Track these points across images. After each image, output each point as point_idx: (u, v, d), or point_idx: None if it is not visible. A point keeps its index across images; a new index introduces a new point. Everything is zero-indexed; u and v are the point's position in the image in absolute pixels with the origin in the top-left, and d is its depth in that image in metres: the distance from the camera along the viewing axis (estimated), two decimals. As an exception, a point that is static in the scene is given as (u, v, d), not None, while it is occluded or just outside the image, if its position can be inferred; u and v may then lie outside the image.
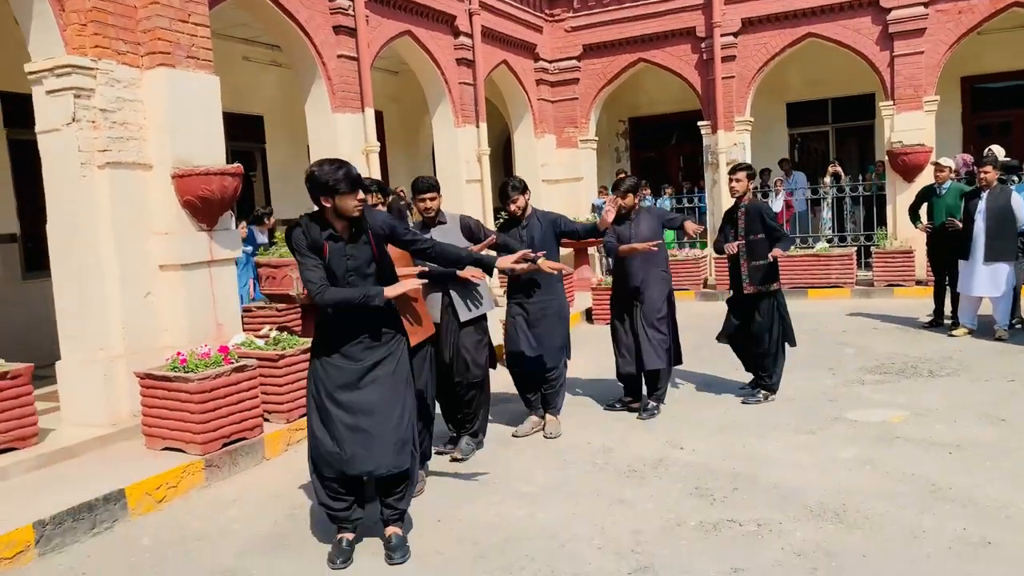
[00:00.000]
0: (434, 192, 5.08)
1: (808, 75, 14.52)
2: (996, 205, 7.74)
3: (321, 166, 3.53)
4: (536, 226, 5.54)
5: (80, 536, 4.26)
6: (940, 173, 8.55)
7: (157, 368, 5.34)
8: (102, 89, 5.61)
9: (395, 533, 3.81)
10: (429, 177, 5.19)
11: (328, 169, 3.50)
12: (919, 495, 4.22)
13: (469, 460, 5.16)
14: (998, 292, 7.83)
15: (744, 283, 6.19)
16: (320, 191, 3.51)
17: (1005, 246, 7.72)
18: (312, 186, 3.53)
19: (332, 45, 8.99)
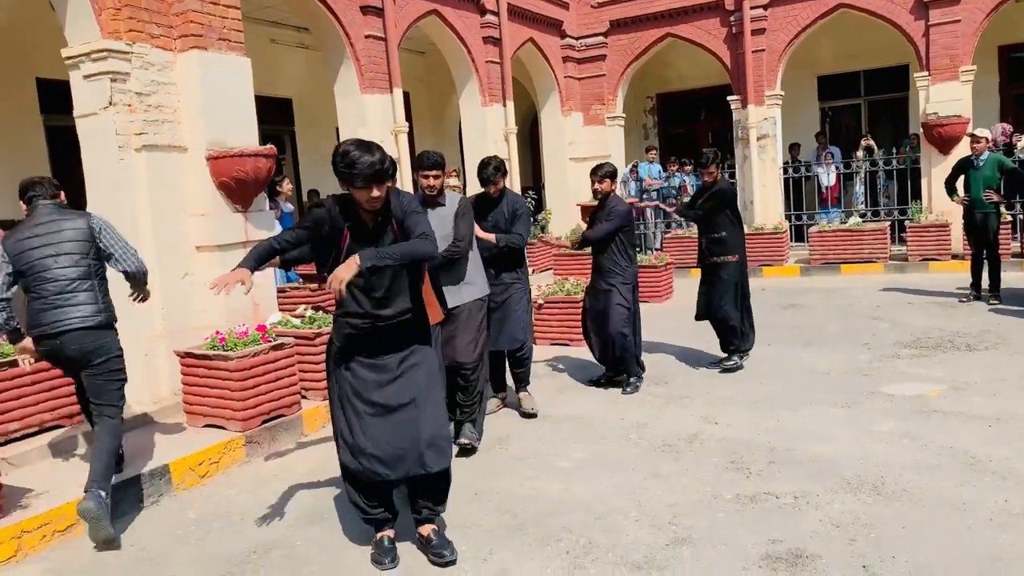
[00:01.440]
0: (438, 169, 4.82)
1: (840, 47, 14.26)
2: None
3: (346, 152, 3.20)
4: (503, 211, 5.52)
5: (128, 510, 4.38)
6: (976, 144, 8.37)
7: (197, 347, 5.45)
8: (137, 73, 5.69)
9: (434, 530, 3.59)
10: (435, 152, 4.88)
11: (352, 156, 3.18)
12: (958, 467, 4.19)
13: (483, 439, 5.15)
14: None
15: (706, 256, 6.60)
16: (337, 176, 3.26)
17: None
18: (335, 169, 3.26)
19: (359, 25, 9.00)
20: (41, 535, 3.98)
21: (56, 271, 4.16)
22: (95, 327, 4.24)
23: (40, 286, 4.16)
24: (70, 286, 4.18)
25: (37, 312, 4.17)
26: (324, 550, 3.77)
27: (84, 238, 4.26)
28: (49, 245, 4.19)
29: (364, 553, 3.68)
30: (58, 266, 4.17)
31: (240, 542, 3.94)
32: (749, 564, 3.33)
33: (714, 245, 6.46)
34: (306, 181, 12.21)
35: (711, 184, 6.47)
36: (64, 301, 4.16)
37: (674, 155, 14.46)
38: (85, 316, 4.20)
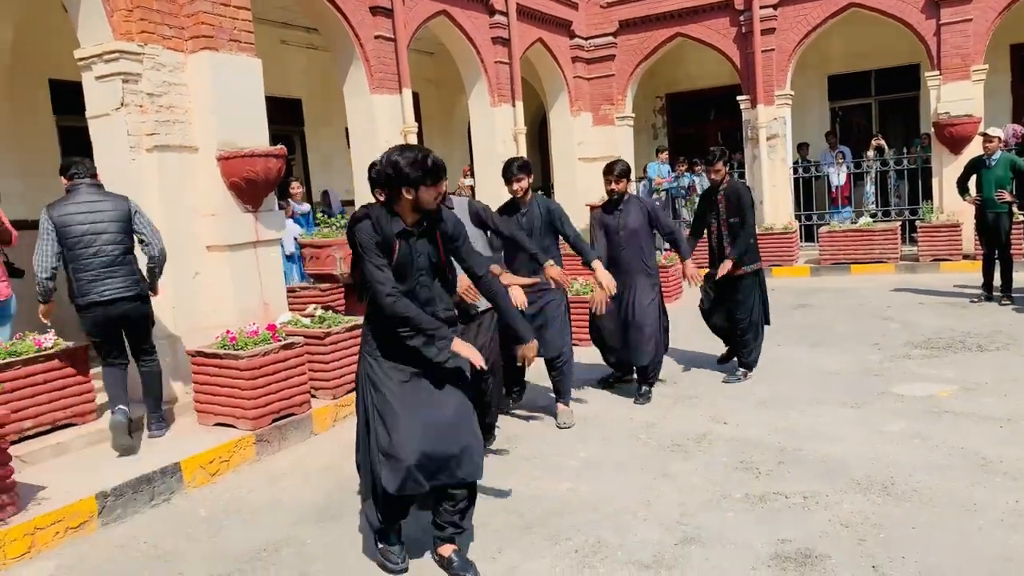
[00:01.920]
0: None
1: (850, 47, 14.21)
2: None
3: (403, 154, 3.14)
4: (536, 214, 5.40)
5: (140, 507, 4.41)
6: (989, 144, 8.32)
7: (207, 346, 5.48)
8: (149, 74, 5.73)
9: (455, 550, 3.44)
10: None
11: (414, 157, 3.13)
12: (969, 468, 4.17)
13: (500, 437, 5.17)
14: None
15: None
16: (403, 181, 3.12)
17: None
18: (395, 175, 3.13)
19: (369, 26, 9.03)
20: (54, 532, 4.01)
21: (101, 247, 4.87)
22: (136, 296, 5.04)
23: (87, 260, 4.85)
24: (116, 260, 4.92)
25: (87, 282, 4.86)
26: (333, 548, 3.79)
27: (123, 219, 4.97)
28: (94, 223, 4.87)
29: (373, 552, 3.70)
30: (102, 242, 4.88)
31: (250, 540, 3.96)
32: (758, 564, 3.33)
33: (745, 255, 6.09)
34: (315, 181, 12.24)
35: (719, 184, 6.17)
36: (110, 274, 4.90)
37: (683, 155, 14.43)
38: (128, 286, 4.98)
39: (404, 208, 3.21)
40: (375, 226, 3.18)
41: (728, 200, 6.15)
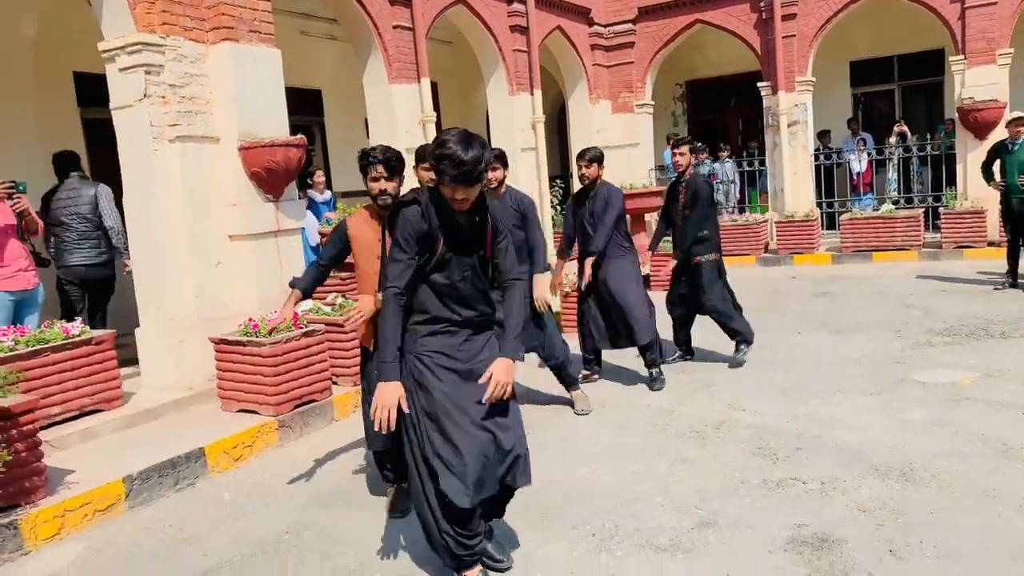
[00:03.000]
0: None
1: (872, 32, 14.02)
2: None
3: (443, 143, 2.86)
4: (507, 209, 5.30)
5: (166, 491, 4.50)
6: (1018, 128, 8.18)
7: (230, 334, 5.56)
8: (171, 65, 5.79)
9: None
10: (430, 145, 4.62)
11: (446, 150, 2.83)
12: (990, 455, 4.15)
13: None
14: None
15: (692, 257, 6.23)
16: (439, 174, 2.89)
17: None
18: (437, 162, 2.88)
19: (388, 16, 9.06)
20: (83, 514, 4.11)
21: (75, 226, 6.34)
22: (100, 264, 6.46)
23: (65, 234, 6.33)
24: (84, 235, 6.36)
25: (62, 253, 6.37)
26: (355, 531, 3.85)
27: (92, 202, 6.37)
28: (73, 207, 6.34)
29: (394, 533, 3.76)
30: (76, 222, 6.34)
31: (273, 523, 4.03)
32: (775, 548, 3.34)
33: (697, 245, 6.15)
34: (335, 170, 12.31)
35: (682, 174, 6.16)
36: (79, 247, 6.35)
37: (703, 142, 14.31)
38: (94, 256, 6.41)
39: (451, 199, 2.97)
40: (424, 213, 2.97)
41: (687, 191, 6.15)
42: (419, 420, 3.04)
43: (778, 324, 7.72)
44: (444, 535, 3.05)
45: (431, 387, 3.02)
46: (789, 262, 11.82)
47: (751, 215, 12.96)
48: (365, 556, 3.59)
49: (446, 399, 3.01)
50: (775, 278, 10.76)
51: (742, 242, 12.29)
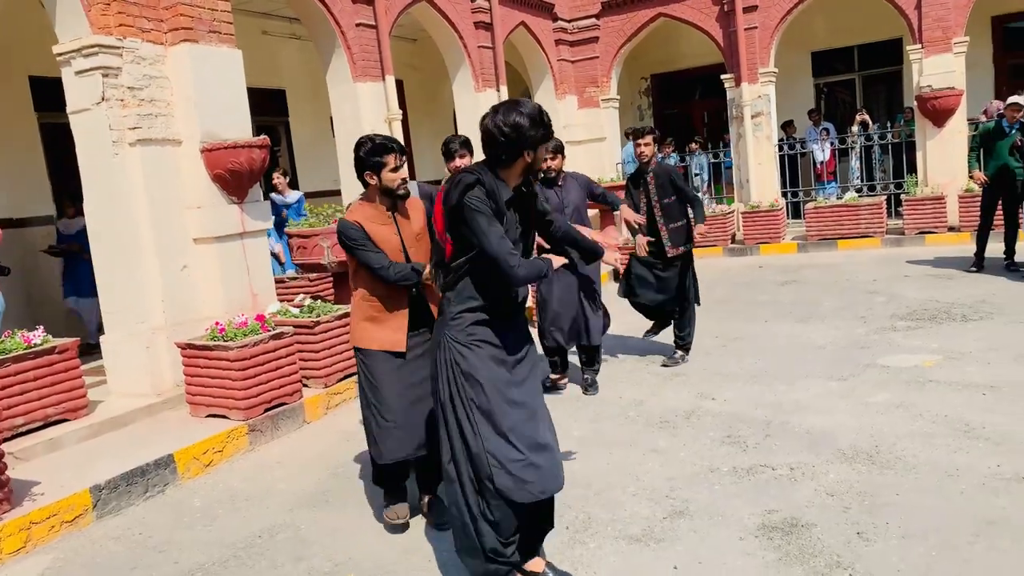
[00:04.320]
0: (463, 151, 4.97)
1: (833, 22, 14.22)
2: None
3: (521, 112, 2.79)
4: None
5: (135, 499, 4.44)
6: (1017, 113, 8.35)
7: (197, 338, 5.50)
8: (128, 67, 5.70)
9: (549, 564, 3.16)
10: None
11: (533, 114, 2.79)
12: (952, 435, 4.24)
13: None
14: None
15: (667, 247, 6.01)
16: (526, 144, 2.78)
17: None
18: (518, 137, 2.77)
19: (350, 14, 9.00)
20: (49, 526, 4.04)
21: None
22: None
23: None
24: None
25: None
26: (329, 533, 3.84)
27: None
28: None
29: (368, 534, 3.75)
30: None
31: (246, 527, 4.00)
32: (746, 534, 3.39)
33: (675, 235, 6.00)
34: (302, 170, 12.22)
35: (648, 164, 6.00)
36: None
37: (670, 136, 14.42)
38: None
39: (513, 173, 2.87)
40: (490, 194, 2.80)
41: (659, 180, 6.01)
42: (470, 413, 2.84)
43: (746, 313, 7.81)
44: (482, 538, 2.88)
45: (482, 379, 2.84)
46: (756, 252, 11.96)
47: (717, 206, 13.08)
48: (340, 558, 3.58)
49: (497, 392, 2.84)
50: (742, 268, 10.89)
51: (709, 233, 12.38)
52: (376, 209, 3.62)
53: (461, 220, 2.79)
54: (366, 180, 3.58)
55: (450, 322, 2.90)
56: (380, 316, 3.63)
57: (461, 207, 2.77)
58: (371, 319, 3.64)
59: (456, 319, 2.89)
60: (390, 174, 3.52)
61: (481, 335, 2.88)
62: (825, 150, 13.47)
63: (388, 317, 3.62)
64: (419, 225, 3.71)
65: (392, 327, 3.62)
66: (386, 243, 3.56)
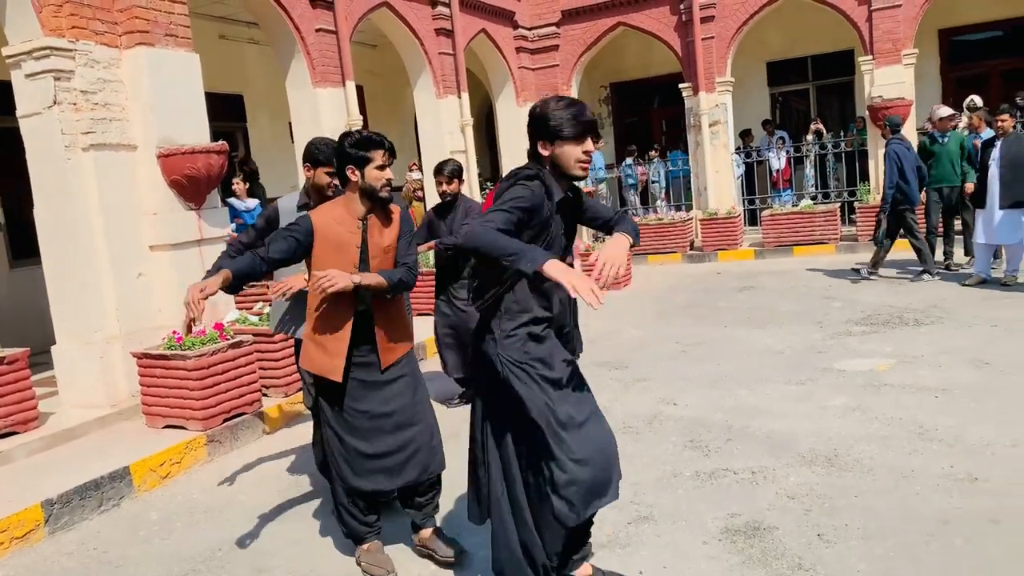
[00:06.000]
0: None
1: (787, 33, 14.50)
2: (1011, 152, 7.82)
3: (555, 102, 2.65)
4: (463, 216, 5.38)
5: (88, 513, 4.32)
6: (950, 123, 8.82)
7: (154, 348, 5.39)
8: (82, 71, 5.58)
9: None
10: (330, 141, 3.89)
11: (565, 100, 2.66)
12: (907, 437, 4.34)
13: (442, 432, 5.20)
14: (1016, 239, 7.92)
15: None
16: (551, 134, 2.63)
17: (1022, 191, 7.78)
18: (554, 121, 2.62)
19: (310, 19, 8.93)
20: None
21: None
22: None
23: None
24: None
25: None
26: (290, 544, 3.78)
27: None
28: None
29: (331, 546, 3.70)
30: None
31: (205, 539, 3.92)
32: (709, 538, 3.42)
33: None
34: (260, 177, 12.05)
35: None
36: None
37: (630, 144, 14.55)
38: None
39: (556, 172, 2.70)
40: (548, 192, 2.64)
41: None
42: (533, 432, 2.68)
43: (705, 318, 7.91)
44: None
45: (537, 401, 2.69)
46: (714, 258, 12.12)
47: (676, 213, 13.24)
48: (302, 570, 3.52)
49: (551, 412, 2.68)
50: (701, 274, 11.02)
51: (669, 240, 12.55)
52: (347, 211, 3.19)
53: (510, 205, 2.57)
54: (347, 176, 3.15)
55: (504, 341, 2.73)
56: (319, 337, 3.24)
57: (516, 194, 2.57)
58: (313, 339, 3.26)
59: (511, 336, 2.73)
60: (375, 171, 3.13)
61: (536, 353, 2.74)
62: (781, 158, 13.72)
63: (327, 340, 3.23)
64: (391, 238, 3.30)
65: (331, 352, 3.22)
66: (340, 251, 3.16)
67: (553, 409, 2.68)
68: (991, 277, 8.18)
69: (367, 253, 3.22)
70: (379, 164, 3.14)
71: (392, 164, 3.21)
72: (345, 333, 3.21)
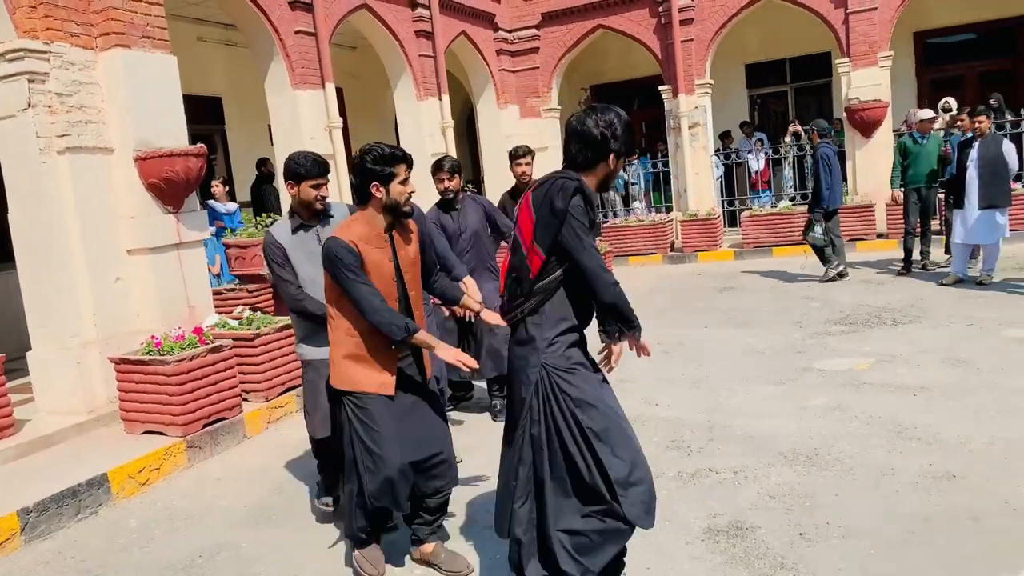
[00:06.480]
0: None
1: (765, 35, 14.63)
2: (988, 153, 7.93)
3: (615, 113, 2.73)
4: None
5: (66, 522, 4.26)
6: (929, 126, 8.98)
7: (132, 353, 5.32)
8: (56, 73, 5.51)
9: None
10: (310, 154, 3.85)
11: (625, 119, 2.74)
12: (886, 436, 4.38)
13: None
14: (993, 239, 8.03)
15: None
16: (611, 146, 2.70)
17: (999, 191, 7.93)
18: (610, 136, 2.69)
19: (289, 21, 8.87)
20: (-26, 552, 3.85)
21: None
22: None
23: None
24: None
25: None
26: (272, 550, 3.75)
27: None
28: None
29: (314, 551, 3.68)
30: None
31: (185, 546, 3.88)
32: (692, 538, 3.43)
33: None
34: (239, 181, 11.97)
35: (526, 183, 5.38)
36: None
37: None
38: None
39: (593, 181, 2.74)
40: (588, 201, 2.65)
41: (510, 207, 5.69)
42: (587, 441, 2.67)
43: (686, 319, 7.94)
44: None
45: (595, 401, 2.72)
46: (694, 259, 12.19)
47: (656, 215, 13.30)
48: (283, 575, 3.49)
49: (612, 411, 2.75)
50: (681, 275, 11.08)
51: (649, 241, 12.60)
52: (372, 228, 3.12)
53: (562, 229, 2.61)
54: (370, 192, 3.09)
55: (547, 349, 2.71)
56: (365, 354, 3.14)
57: (566, 213, 2.59)
58: (354, 357, 3.15)
59: (553, 344, 2.72)
60: (399, 186, 3.09)
61: (577, 358, 2.76)
62: (760, 160, 13.83)
63: (375, 355, 3.15)
64: (415, 249, 3.28)
65: (379, 366, 3.15)
66: (378, 269, 3.10)
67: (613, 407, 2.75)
68: (968, 276, 8.28)
69: (400, 268, 3.20)
70: (403, 178, 3.12)
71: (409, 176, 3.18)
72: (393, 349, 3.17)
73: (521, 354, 2.77)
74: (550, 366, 2.70)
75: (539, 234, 2.66)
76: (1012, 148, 8.06)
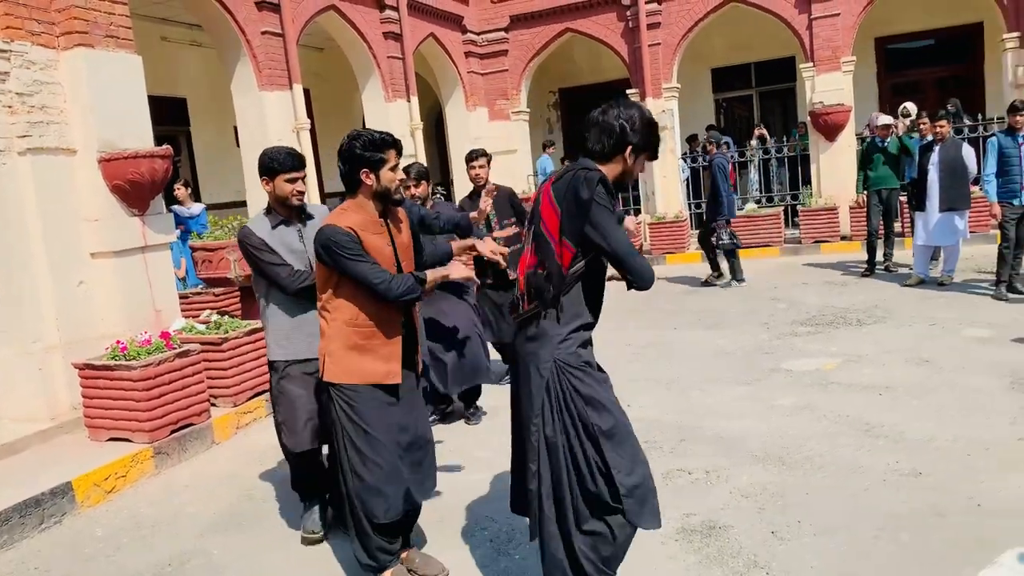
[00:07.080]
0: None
1: (731, 40, 14.82)
2: (948, 156, 8.10)
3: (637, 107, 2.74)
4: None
5: (29, 532, 4.16)
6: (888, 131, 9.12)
7: (97, 358, 5.22)
8: (17, 72, 5.38)
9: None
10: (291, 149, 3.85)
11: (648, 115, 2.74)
12: (854, 435, 4.45)
13: None
14: (953, 241, 8.22)
15: (508, 271, 5.49)
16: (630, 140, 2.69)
17: (959, 195, 8.10)
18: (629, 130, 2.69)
19: (255, 22, 8.78)
20: (-68, 565, 3.74)
21: None
22: None
23: None
24: None
25: None
26: (243, 556, 3.69)
27: None
28: None
29: (284, 558, 3.63)
30: None
31: (153, 555, 3.81)
32: (666, 539, 3.45)
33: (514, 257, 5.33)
34: (204, 182, 11.81)
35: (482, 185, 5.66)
36: None
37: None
38: None
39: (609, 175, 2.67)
40: (609, 191, 2.61)
41: (499, 202, 5.73)
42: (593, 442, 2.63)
43: (655, 321, 8.00)
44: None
45: (605, 400, 2.68)
46: (663, 262, 12.28)
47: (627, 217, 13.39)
48: (256, 582, 3.45)
49: (621, 412, 2.71)
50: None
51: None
52: (367, 215, 3.05)
53: (588, 217, 2.54)
54: (360, 179, 3.01)
55: (559, 345, 2.64)
56: (369, 344, 3.05)
57: (591, 202, 2.53)
58: (357, 347, 3.04)
59: (566, 340, 2.65)
60: (390, 172, 3.03)
61: (586, 356, 2.71)
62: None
63: (379, 345, 3.06)
64: (408, 235, 3.23)
65: (384, 356, 3.07)
66: (380, 253, 3.03)
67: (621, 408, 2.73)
68: (929, 277, 8.46)
69: (397, 254, 3.13)
70: (393, 164, 3.04)
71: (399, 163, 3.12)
72: (399, 338, 3.11)
73: (531, 349, 2.69)
74: (562, 362, 2.64)
75: (567, 226, 2.59)
76: (971, 152, 8.25)
